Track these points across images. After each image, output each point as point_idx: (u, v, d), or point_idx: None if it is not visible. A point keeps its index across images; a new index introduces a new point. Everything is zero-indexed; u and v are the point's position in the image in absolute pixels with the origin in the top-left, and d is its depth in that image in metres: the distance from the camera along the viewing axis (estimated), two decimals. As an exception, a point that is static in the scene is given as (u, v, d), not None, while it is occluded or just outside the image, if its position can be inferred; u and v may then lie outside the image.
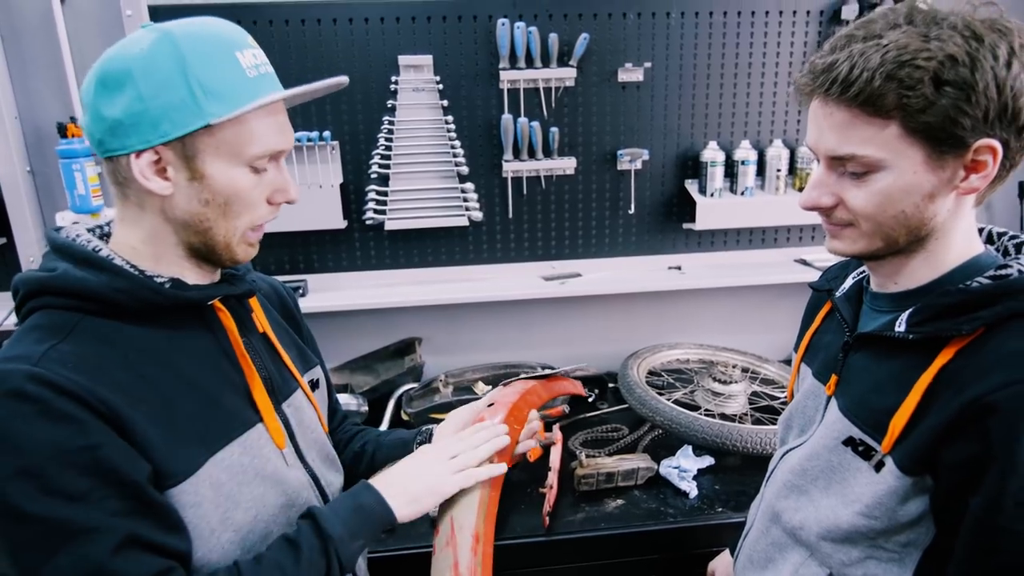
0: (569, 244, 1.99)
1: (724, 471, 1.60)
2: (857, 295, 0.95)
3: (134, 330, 0.77)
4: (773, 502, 1.00)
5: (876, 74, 0.71)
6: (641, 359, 1.91)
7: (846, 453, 0.86)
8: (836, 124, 0.76)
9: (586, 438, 1.74)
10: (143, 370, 0.75)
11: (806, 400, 1.01)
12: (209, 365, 0.83)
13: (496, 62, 1.81)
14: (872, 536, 0.84)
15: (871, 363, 0.87)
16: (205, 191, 0.77)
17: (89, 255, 0.76)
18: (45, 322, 0.74)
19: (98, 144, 0.77)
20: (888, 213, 0.78)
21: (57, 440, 0.66)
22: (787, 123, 1.96)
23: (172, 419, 0.75)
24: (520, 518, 1.45)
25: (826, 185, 0.81)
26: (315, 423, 0.99)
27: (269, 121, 0.79)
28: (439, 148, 1.86)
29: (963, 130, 0.71)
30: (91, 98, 0.75)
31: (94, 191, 1.76)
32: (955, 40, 0.70)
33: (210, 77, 0.74)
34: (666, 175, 1.96)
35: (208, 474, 0.77)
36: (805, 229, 2.05)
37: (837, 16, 1.87)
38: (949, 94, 0.70)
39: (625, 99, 1.88)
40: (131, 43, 0.75)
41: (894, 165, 0.75)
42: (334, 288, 1.91)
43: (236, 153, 0.77)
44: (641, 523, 1.43)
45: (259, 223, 0.83)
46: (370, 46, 1.77)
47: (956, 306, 0.76)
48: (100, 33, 1.71)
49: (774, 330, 2.14)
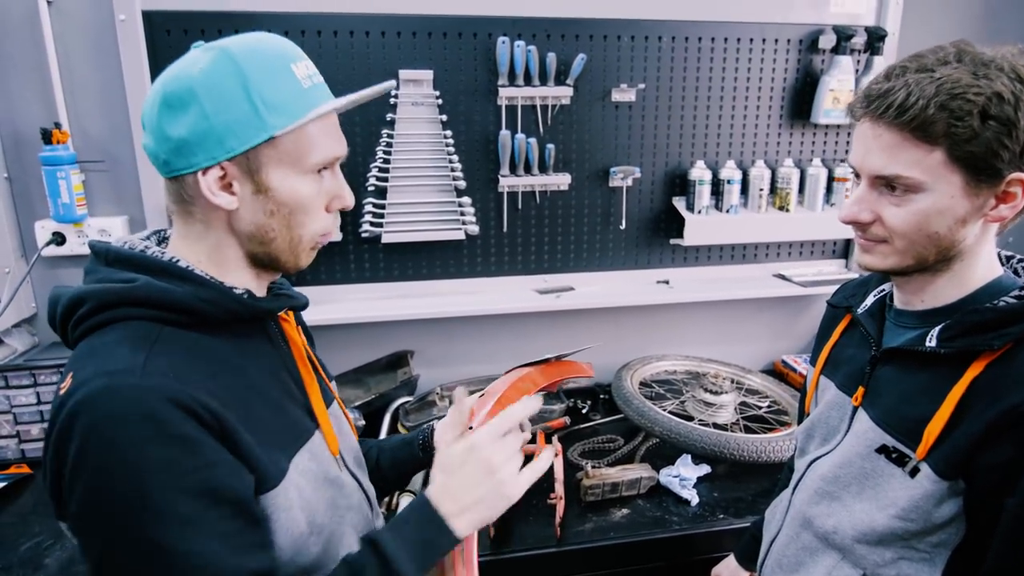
0: (562, 258, 2.03)
1: (721, 479, 1.66)
2: (880, 312, 1.01)
3: (209, 340, 0.77)
4: (803, 508, 1.05)
5: (931, 103, 0.78)
6: (633, 370, 1.96)
7: (879, 460, 0.92)
8: (885, 145, 0.83)
9: (583, 449, 1.78)
10: (224, 378, 0.76)
11: (829, 411, 1.06)
12: (273, 375, 0.85)
13: (495, 79, 1.83)
14: (906, 538, 0.89)
15: (900, 375, 0.93)
16: (270, 202, 0.79)
17: (167, 265, 0.77)
18: (128, 334, 0.73)
19: (164, 165, 0.77)
20: (922, 232, 0.85)
21: (172, 462, 0.66)
22: (768, 145, 2.05)
23: (256, 426, 0.76)
24: (529, 529, 1.47)
25: (867, 202, 0.88)
26: (349, 430, 1.01)
27: (325, 129, 0.81)
28: (437, 162, 1.87)
29: (1001, 162, 0.79)
30: (156, 120, 0.76)
31: (79, 200, 1.71)
32: (1003, 80, 0.77)
33: (270, 91, 0.76)
34: (655, 192, 2.03)
35: (292, 478, 0.78)
36: (783, 245, 2.15)
37: (815, 45, 1.97)
38: (993, 127, 0.77)
39: (618, 118, 1.94)
40: (190, 63, 0.76)
41: (934, 188, 0.82)
42: (329, 301, 1.89)
43: (297, 163, 0.79)
44: (648, 531, 1.47)
45: (323, 232, 0.85)
46: (370, 59, 1.77)
47: (987, 323, 0.83)
48: (89, 37, 1.66)
49: (753, 341, 2.24)
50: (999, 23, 2.10)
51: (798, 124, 2.05)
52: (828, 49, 1.98)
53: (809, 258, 2.17)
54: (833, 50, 1.97)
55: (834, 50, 1.97)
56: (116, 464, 0.65)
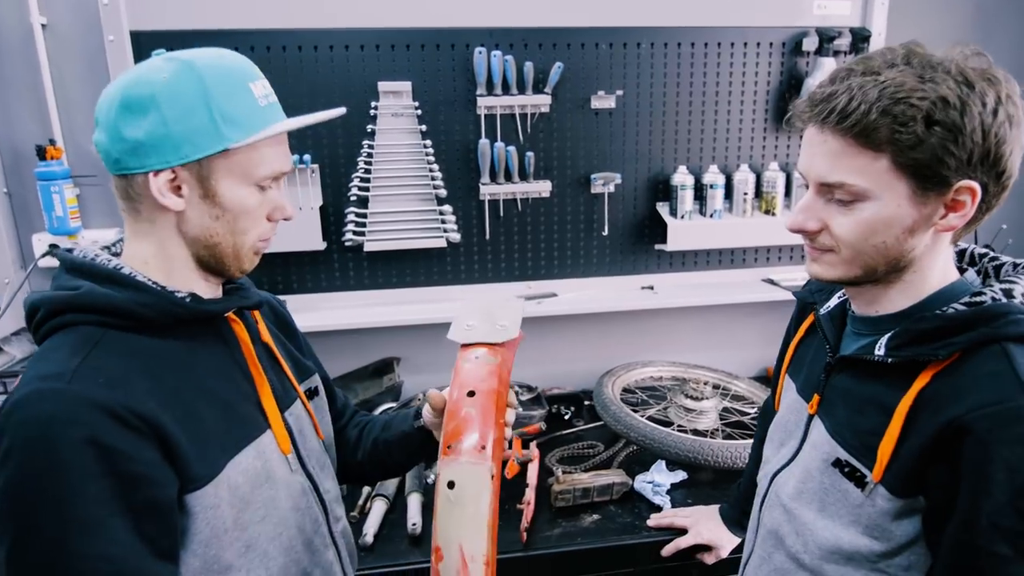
0: (545, 265, 2.04)
1: (696, 485, 1.65)
2: (841, 315, 0.98)
3: (154, 342, 0.81)
4: (773, 528, 1.02)
5: (872, 108, 0.74)
6: (616, 376, 1.96)
7: (836, 475, 0.89)
8: (829, 152, 0.79)
9: (562, 455, 1.77)
10: (166, 380, 0.79)
11: (788, 414, 1.04)
12: (223, 374, 0.88)
13: (473, 89, 1.86)
14: (873, 559, 0.86)
15: (853, 385, 0.90)
16: (216, 208, 0.83)
17: (111, 272, 0.81)
18: (69, 339, 0.77)
19: (114, 162, 0.81)
20: (869, 242, 0.81)
21: (90, 466, 0.69)
22: (753, 148, 2.04)
23: (195, 425, 0.79)
24: (498, 534, 1.47)
25: (813, 210, 0.84)
26: (312, 432, 1.03)
27: (276, 146, 0.87)
28: (418, 171, 1.90)
29: (948, 170, 0.75)
30: (112, 119, 0.79)
31: (72, 213, 1.78)
32: (948, 84, 0.74)
33: (229, 106, 0.80)
34: (638, 198, 2.03)
35: (227, 477, 0.81)
36: (772, 250, 2.12)
37: (799, 48, 1.96)
38: (938, 134, 0.73)
39: (598, 125, 1.95)
40: (152, 70, 0.80)
41: (880, 197, 0.78)
42: (313, 309, 1.93)
43: (246, 175, 0.84)
44: (617, 537, 1.47)
45: (263, 238, 0.90)
46: (351, 72, 1.82)
47: (933, 332, 0.80)
48: (81, 58, 1.73)
49: (744, 347, 2.21)
50: (986, 21, 2.06)
51: (783, 127, 2.03)
52: (812, 51, 1.96)
53: (800, 263, 2.14)
54: (817, 52, 1.96)
55: (818, 52, 1.95)
56: (33, 465, 0.68)
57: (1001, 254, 0.91)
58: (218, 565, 0.81)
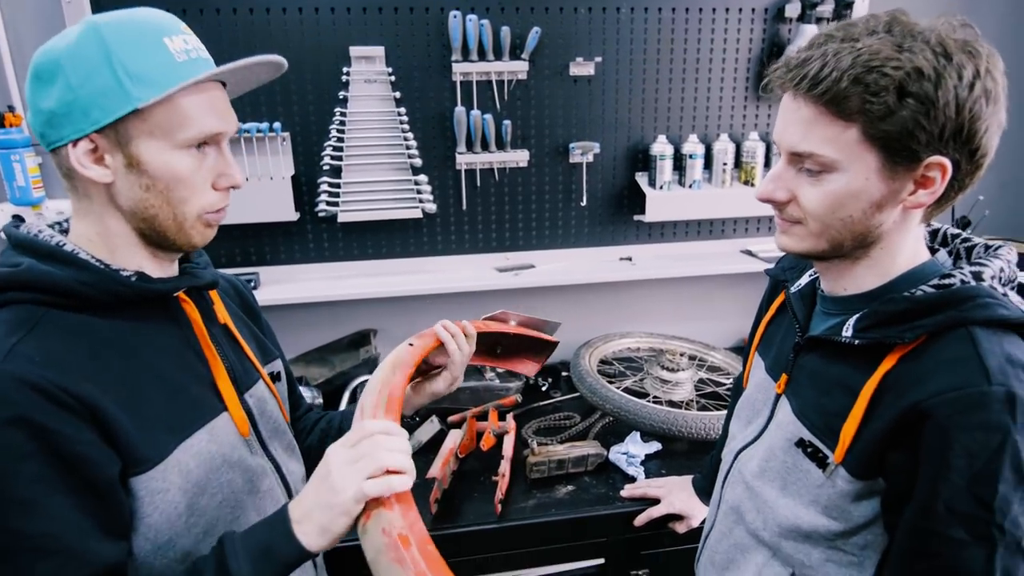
0: (523, 236, 2.02)
1: (671, 456, 1.66)
2: (811, 294, 0.97)
3: (99, 322, 0.78)
4: (734, 504, 1.03)
5: (844, 75, 0.72)
6: (593, 348, 1.96)
7: (798, 455, 0.89)
8: (801, 120, 0.78)
9: (539, 426, 1.78)
10: (110, 361, 0.77)
11: (756, 392, 1.04)
12: (174, 355, 0.85)
13: (448, 54, 1.81)
14: (831, 538, 0.87)
15: (821, 366, 0.89)
16: (144, 177, 0.78)
17: (53, 249, 0.78)
18: (9, 317, 0.74)
19: (41, 137, 0.78)
20: (836, 215, 0.79)
21: (23, 445, 0.67)
22: (733, 118, 2.01)
23: (140, 408, 0.77)
24: (473, 506, 1.48)
25: (783, 180, 0.83)
26: (277, 413, 1.01)
27: (202, 103, 0.79)
28: (392, 140, 1.86)
29: (918, 144, 0.73)
30: (29, 93, 0.77)
31: (35, 182, 1.72)
32: (925, 54, 0.71)
33: (135, 63, 0.75)
34: (617, 168, 2.00)
35: (177, 460, 0.79)
36: (751, 221, 2.11)
37: (781, 14, 1.92)
38: (910, 106, 0.71)
39: (576, 93, 1.91)
40: (61, 37, 0.77)
41: (848, 168, 0.77)
42: (287, 280, 1.90)
43: (170, 136, 0.78)
44: (591, 508, 1.48)
45: (211, 209, 0.84)
46: (321, 37, 1.76)
47: (900, 314, 0.79)
48: (38, 21, 1.66)
49: (721, 318, 2.22)
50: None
51: (764, 96, 2.00)
52: (795, 18, 1.92)
53: (778, 233, 2.14)
54: (799, 18, 1.92)
55: (800, 18, 1.92)
56: None
57: (973, 234, 0.90)
58: (174, 552, 0.79)
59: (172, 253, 0.87)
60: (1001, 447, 0.70)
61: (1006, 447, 0.70)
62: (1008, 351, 0.74)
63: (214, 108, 0.81)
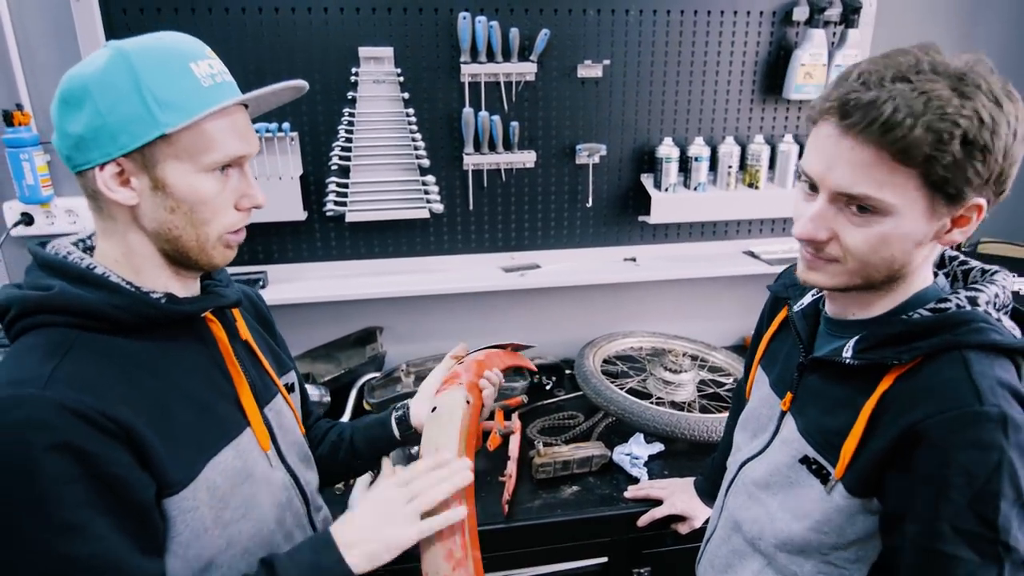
0: (528, 236, 2.03)
1: (673, 456, 1.70)
2: (814, 314, 0.98)
3: (129, 344, 0.80)
4: (735, 512, 1.06)
5: (919, 122, 0.70)
6: (597, 347, 1.98)
7: (802, 471, 0.92)
8: (857, 162, 0.75)
9: (543, 425, 1.81)
10: (141, 382, 0.79)
11: (760, 407, 1.06)
12: (201, 374, 0.87)
13: (457, 55, 1.81)
14: (824, 551, 0.90)
15: (824, 385, 0.92)
16: (169, 199, 0.80)
17: (84, 272, 0.79)
18: (43, 341, 0.75)
19: (67, 160, 0.80)
20: (879, 255, 0.79)
21: (67, 470, 0.69)
22: (739, 120, 2.02)
23: (171, 429, 0.79)
24: (481, 505, 1.50)
25: (824, 219, 0.80)
26: (294, 425, 1.04)
27: (227, 127, 0.81)
28: (400, 140, 1.86)
29: (970, 187, 0.74)
30: (56, 117, 0.79)
31: (43, 181, 1.73)
32: (983, 101, 0.71)
33: (163, 89, 0.76)
34: (623, 169, 2.01)
35: (205, 478, 0.82)
36: (754, 223, 2.13)
37: (788, 17, 1.93)
38: (971, 154, 0.72)
39: (584, 95, 1.92)
40: (89, 62, 0.78)
41: (902, 213, 0.75)
42: (295, 279, 1.92)
43: (195, 160, 0.79)
44: (595, 509, 1.51)
45: (232, 230, 0.86)
46: (330, 37, 1.76)
47: (897, 336, 0.81)
48: (47, 19, 1.65)
49: (722, 318, 2.25)
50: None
51: (770, 99, 2.02)
52: (802, 21, 1.93)
53: (780, 234, 2.16)
54: (807, 22, 1.92)
55: (808, 22, 1.92)
56: (12, 471, 0.68)
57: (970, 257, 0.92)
58: (198, 562, 0.82)
59: (195, 272, 0.89)
60: (999, 465, 0.72)
61: (1003, 465, 0.72)
62: (999, 375, 0.76)
63: (238, 131, 0.83)
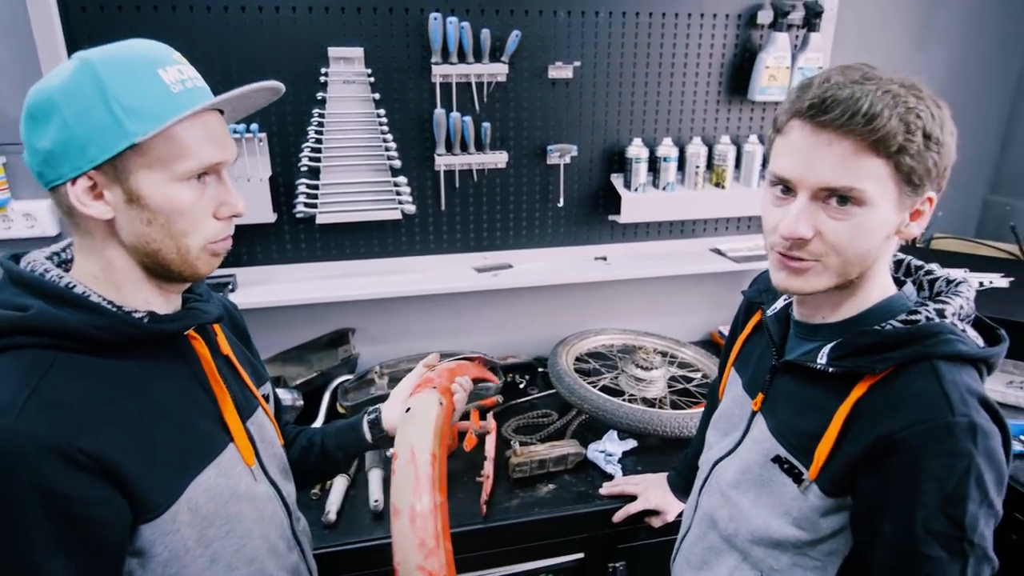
0: (500, 236, 2.04)
1: (646, 452, 1.73)
2: (786, 318, 1.03)
3: (110, 364, 0.78)
4: (710, 510, 1.10)
5: (894, 114, 0.77)
6: (569, 346, 2.01)
7: (775, 470, 0.96)
8: (836, 155, 0.79)
9: (518, 424, 1.83)
10: (123, 403, 0.77)
11: (732, 407, 1.10)
12: (183, 392, 0.86)
13: (428, 56, 1.81)
14: (799, 546, 0.94)
15: (796, 388, 0.96)
16: (145, 211, 0.77)
17: (63, 292, 0.76)
18: (19, 364, 0.72)
19: (39, 177, 0.77)
20: (857, 248, 0.83)
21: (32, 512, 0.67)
22: (706, 121, 2.06)
23: (152, 450, 0.77)
24: (458, 505, 1.52)
25: (807, 216, 0.82)
26: (274, 437, 1.03)
27: (201, 134, 0.79)
28: (371, 141, 1.85)
29: (929, 179, 0.81)
30: (25, 133, 0.76)
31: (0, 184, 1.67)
32: (928, 103, 0.79)
33: (130, 96, 0.74)
34: (593, 170, 2.04)
35: (187, 499, 0.80)
36: (720, 221, 2.18)
37: (753, 20, 1.97)
38: (929, 146, 0.79)
39: (555, 96, 1.93)
40: (54, 75, 0.76)
41: (877, 203, 0.80)
42: (265, 282, 1.89)
43: (169, 169, 0.77)
44: (571, 506, 1.54)
45: (215, 239, 0.83)
46: (298, 37, 1.73)
47: (871, 346, 0.85)
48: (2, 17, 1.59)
49: (691, 312, 2.30)
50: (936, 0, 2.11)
51: (736, 100, 2.06)
52: (766, 25, 1.97)
53: (746, 232, 2.22)
54: (771, 26, 1.97)
55: (772, 26, 1.97)
56: None
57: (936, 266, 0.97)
58: None
59: (179, 284, 0.87)
60: (967, 470, 0.78)
61: (971, 470, 0.78)
62: (967, 383, 0.82)
63: (212, 137, 0.80)
